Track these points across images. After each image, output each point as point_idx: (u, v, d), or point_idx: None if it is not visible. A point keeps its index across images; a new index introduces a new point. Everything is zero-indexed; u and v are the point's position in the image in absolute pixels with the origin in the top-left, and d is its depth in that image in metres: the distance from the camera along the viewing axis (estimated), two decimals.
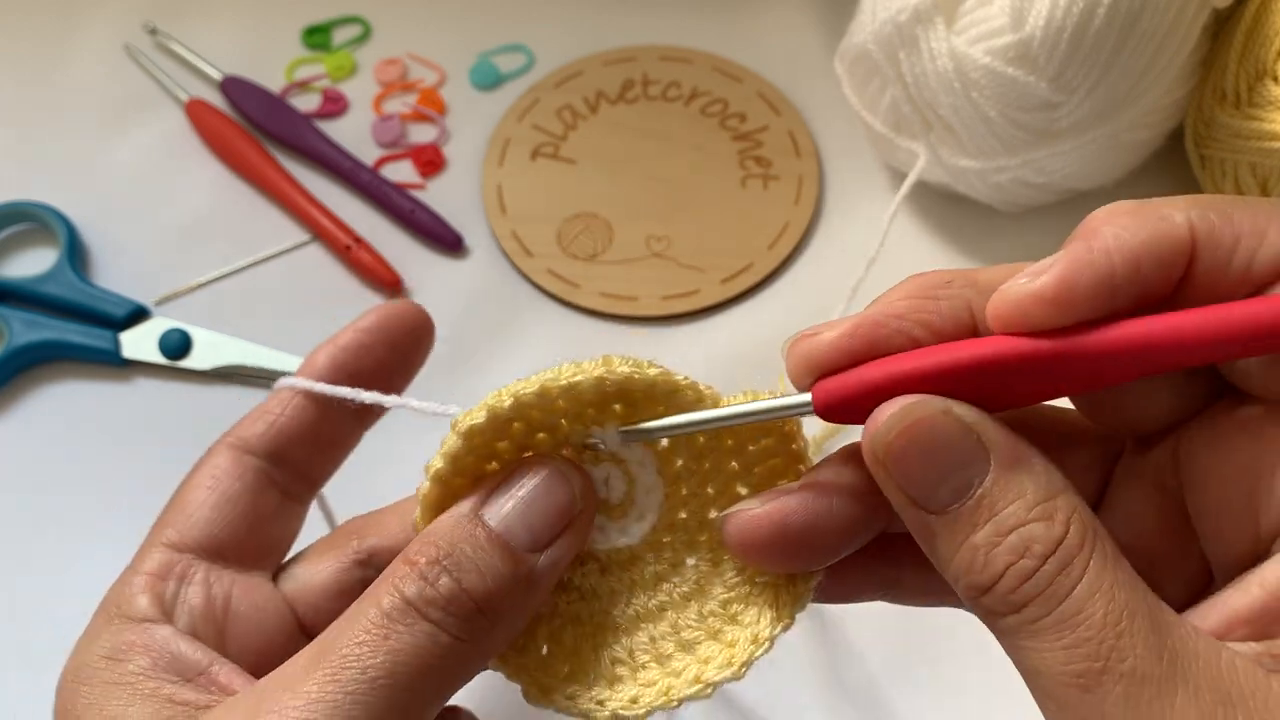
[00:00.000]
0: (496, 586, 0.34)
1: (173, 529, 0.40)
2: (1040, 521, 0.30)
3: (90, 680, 0.36)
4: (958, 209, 0.73)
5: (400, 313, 0.43)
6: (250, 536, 0.40)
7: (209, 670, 0.36)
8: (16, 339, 0.69)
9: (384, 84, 0.81)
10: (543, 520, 0.35)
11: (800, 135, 0.77)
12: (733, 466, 0.39)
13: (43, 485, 0.67)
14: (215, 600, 0.39)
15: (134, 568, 0.39)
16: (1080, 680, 0.29)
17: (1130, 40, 0.62)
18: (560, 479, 0.35)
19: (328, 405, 0.41)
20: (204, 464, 0.41)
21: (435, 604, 0.33)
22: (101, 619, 0.38)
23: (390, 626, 0.33)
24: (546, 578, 0.35)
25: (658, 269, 0.72)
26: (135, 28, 0.83)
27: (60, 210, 0.74)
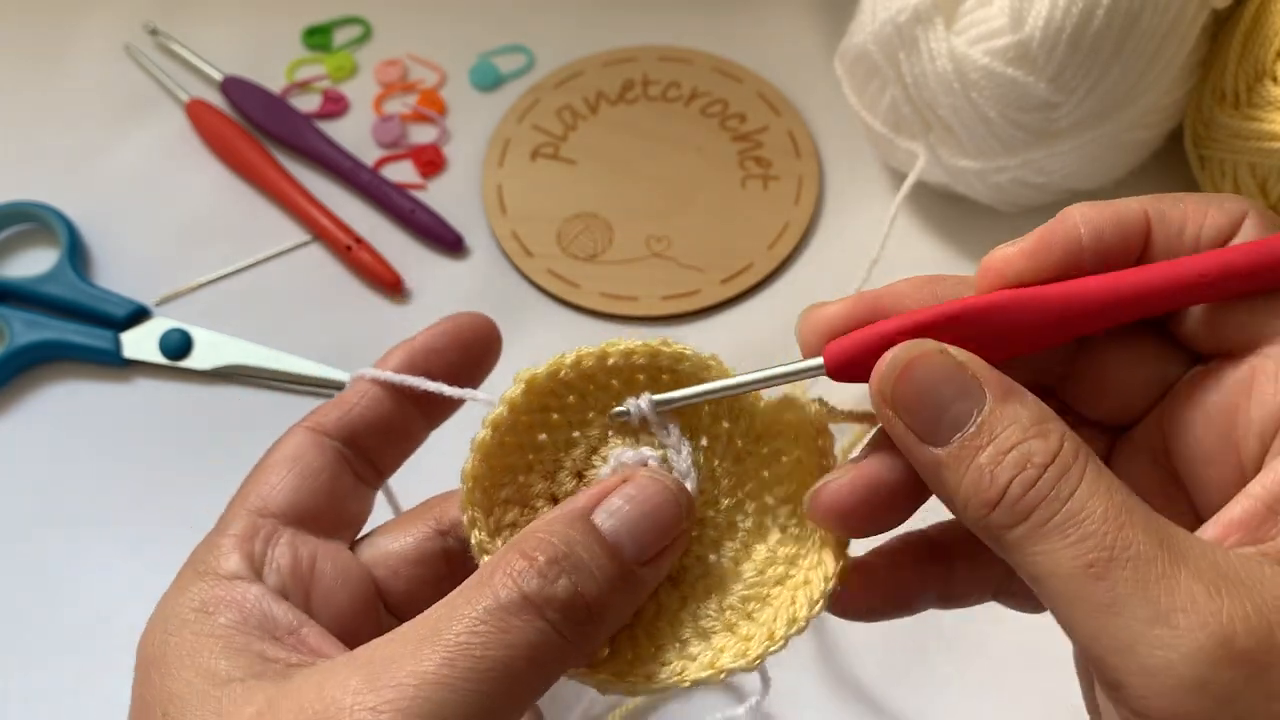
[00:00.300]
0: (610, 592, 0.35)
1: (255, 497, 0.40)
2: (1037, 438, 0.33)
3: (179, 631, 0.36)
4: (957, 209, 0.73)
5: (471, 322, 0.45)
6: (330, 508, 0.41)
7: (299, 631, 0.37)
8: (17, 339, 0.69)
9: (384, 84, 0.81)
10: (651, 535, 0.37)
11: (800, 135, 0.78)
12: (764, 475, 0.41)
13: (43, 485, 0.67)
14: (301, 561, 0.39)
15: (220, 530, 0.40)
16: (1092, 570, 0.31)
17: (1129, 41, 0.62)
18: (671, 498, 0.37)
19: (399, 401, 0.43)
20: (282, 444, 0.42)
21: (553, 604, 0.34)
22: (189, 574, 0.39)
23: (508, 620, 0.33)
24: (646, 590, 0.37)
25: (658, 269, 0.72)
26: (136, 28, 0.83)
27: (61, 210, 0.74)
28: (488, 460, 0.39)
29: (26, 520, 0.66)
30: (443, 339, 0.44)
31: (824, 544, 0.39)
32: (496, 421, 0.39)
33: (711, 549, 0.40)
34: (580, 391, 0.40)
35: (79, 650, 0.62)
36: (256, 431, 0.68)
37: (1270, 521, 0.33)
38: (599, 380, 0.40)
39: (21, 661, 0.62)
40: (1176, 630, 0.30)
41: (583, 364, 0.39)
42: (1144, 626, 0.30)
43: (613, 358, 0.39)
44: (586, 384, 0.40)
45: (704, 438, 0.41)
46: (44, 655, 0.62)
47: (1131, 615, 0.31)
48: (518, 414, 0.39)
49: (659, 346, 0.40)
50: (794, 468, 0.41)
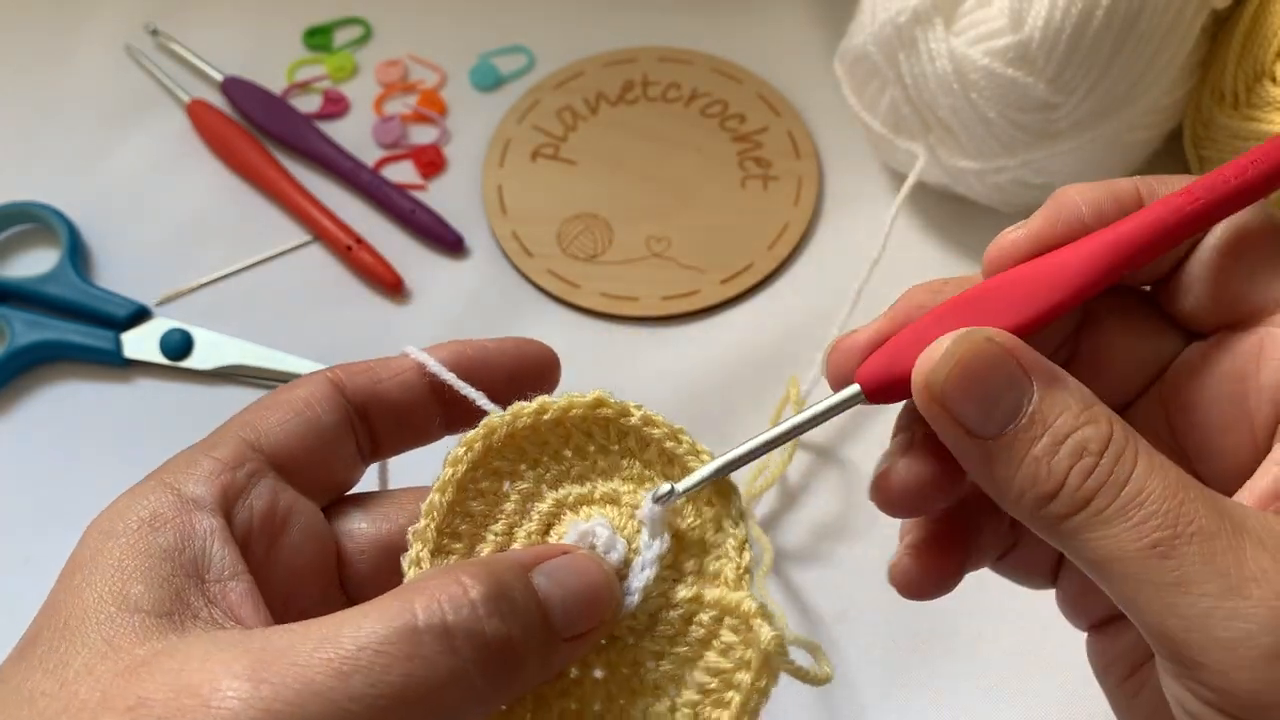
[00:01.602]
0: (532, 649, 0.33)
1: (251, 428, 0.39)
2: (1089, 425, 0.33)
3: (116, 538, 0.35)
4: (957, 210, 0.73)
5: (535, 350, 0.43)
6: (322, 468, 0.40)
7: (226, 584, 0.35)
8: (18, 339, 0.69)
9: (385, 85, 0.81)
10: (583, 612, 0.35)
11: (800, 136, 0.78)
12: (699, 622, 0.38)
13: (44, 485, 0.67)
14: (278, 509, 0.38)
15: (204, 448, 0.38)
16: (1158, 550, 0.31)
17: (1129, 41, 0.62)
18: (608, 583, 0.36)
19: (427, 395, 0.41)
20: (300, 384, 0.40)
21: (474, 641, 0.32)
22: (153, 482, 0.37)
23: (420, 647, 0.31)
24: (557, 668, 0.36)
25: (658, 269, 0.72)
26: (136, 28, 0.84)
27: (61, 210, 0.74)
28: (458, 484, 0.38)
29: (27, 520, 0.66)
30: (498, 355, 0.42)
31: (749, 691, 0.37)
32: (470, 446, 0.38)
33: (604, 667, 0.38)
34: (535, 453, 0.39)
35: None
36: None
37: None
38: (553, 440, 0.39)
39: None
40: (1251, 600, 0.30)
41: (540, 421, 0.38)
42: (1216, 600, 0.30)
43: (575, 411, 0.38)
44: (542, 445, 0.39)
45: (678, 571, 0.38)
46: None
47: (1202, 590, 0.30)
48: (489, 455, 0.38)
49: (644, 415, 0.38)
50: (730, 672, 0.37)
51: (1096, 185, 0.37)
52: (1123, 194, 0.37)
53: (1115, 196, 0.37)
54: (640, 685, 0.37)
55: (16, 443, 0.68)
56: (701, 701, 0.37)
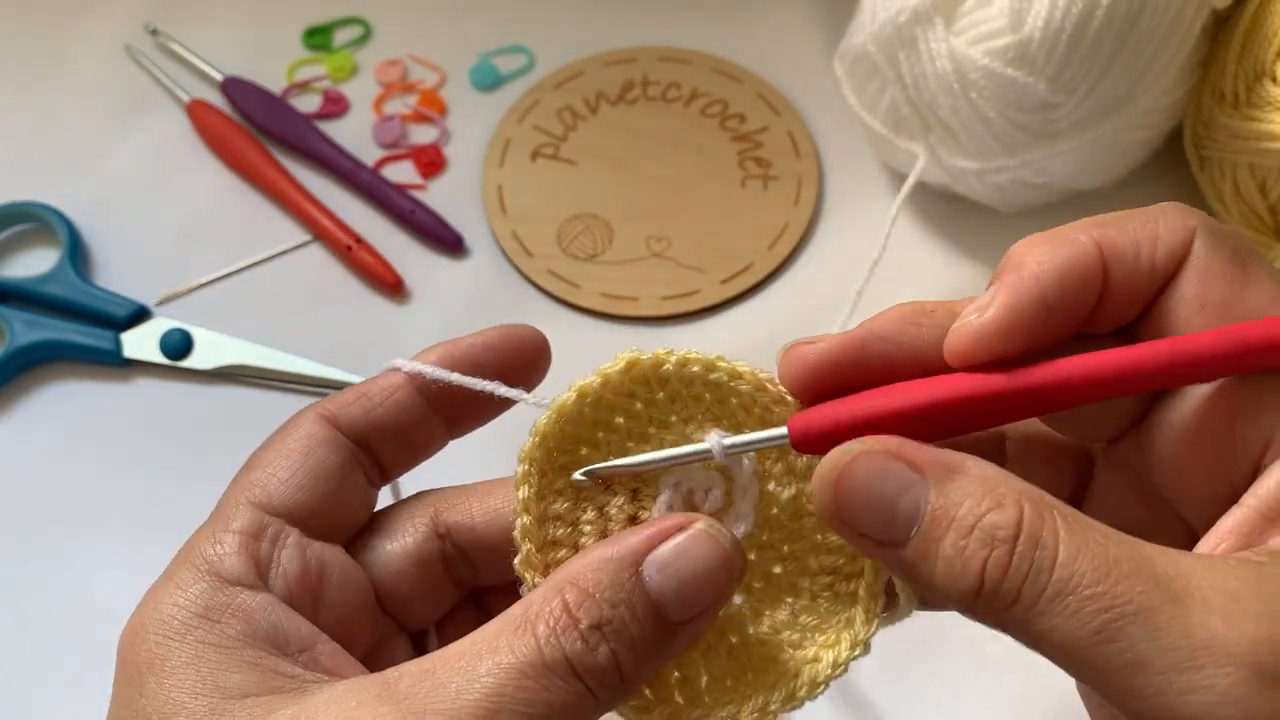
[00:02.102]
0: (647, 655, 0.34)
1: (260, 489, 0.38)
2: (994, 511, 0.32)
3: (183, 638, 0.34)
4: (957, 209, 0.73)
5: (521, 335, 0.42)
6: (337, 510, 0.39)
7: (313, 648, 0.35)
8: (18, 339, 0.69)
9: (384, 85, 0.81)
10: (698, 598, 0.35)
11: (800, 136, 0.78)
12: (818, 539, 0.39)
13: (43, 485, 0.67)
14: (310, 569, 0.37)
15: (221, 522, 0.37)
16: (1102, 635, 0.30)
17: (1129, 41, 0.62)
18: (725, 561, 0.35)
19: (425, 406, 0.41)
20: (293, 430, 0.40)
21: (591, 672, 0.33)
22: (188, 572, 0.36)
23: (551, 680, 0.32)
24: (678, 649, 0.36)
25: (658, 269, 0.72)
26: (136, 28, 0.84)
27: (61, 210, 0.74)
28: (545, 448, 0.37)
29: (27, 520, 0.66)
30: (485, 350, 0.41)
31: (846, 626, 0.38)
32: (561, 407, 0.37)
33: (780, 560, 0.39)
34: (645, 399, 0.38)
35: (79, 650, 0.62)
36: (256, 431, 0.68)
37: (1263, 529, 0.33)
38: (667, 390, 0.38)
39: (21, 661, 0.62)
40: (1205, 671, 0.29)
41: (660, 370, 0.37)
42: (1171, 676, 0.29)
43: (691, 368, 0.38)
44: (653, 392, 0.38)
45: (772, 481, 0.38)
46: (44, 655, 0.62)
47: (1156, 669, 0.30)
48: (583, 404, 0.37)
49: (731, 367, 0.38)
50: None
51: (1054, 247, 0.35)
52: (1083, 261, 0.35)
53: (1078, 272, 0.35)
54: (777, 591, 0.38)
55: (16, 443, 0.68)
56: (835, 578, 0.38)
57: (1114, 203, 0.72)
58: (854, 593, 0.38)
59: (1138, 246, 0.35)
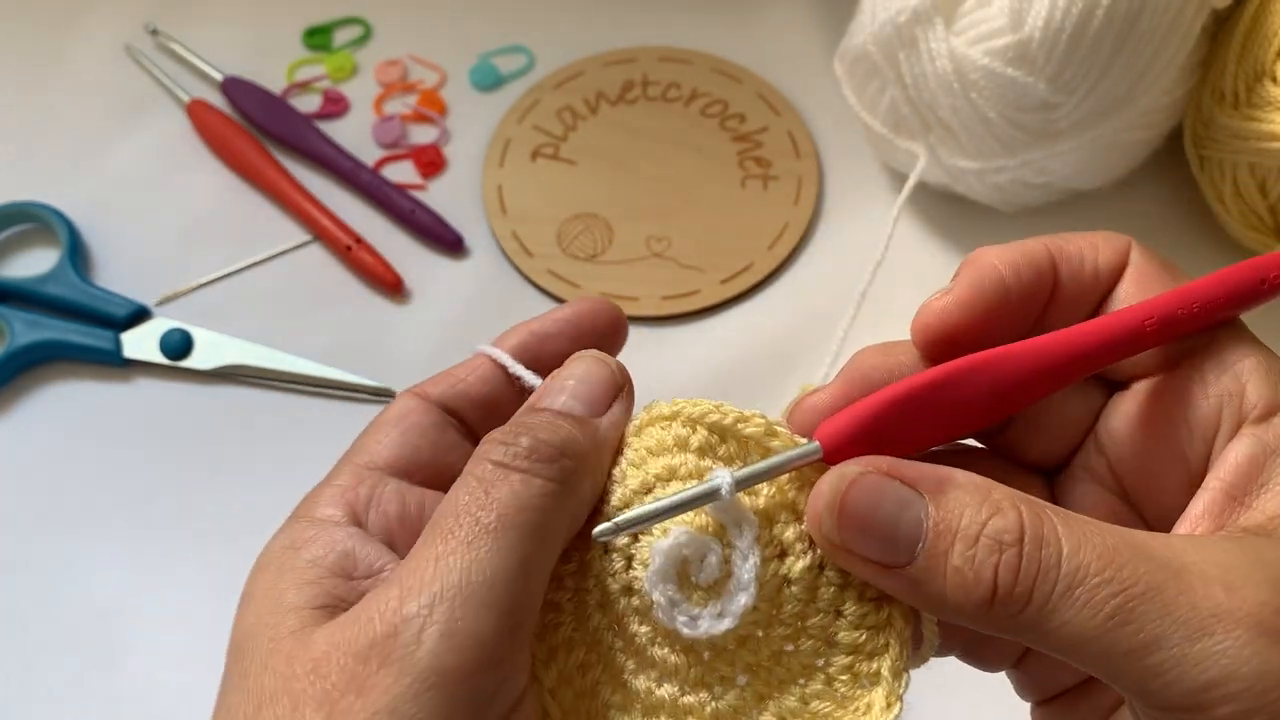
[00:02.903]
0: (569, 437, 0.36)
1: (360, 454, 0.40)
2: (995, 516, 0.32)
3: (265, 569, 0.36)
4: (957, 209, 0.73)
5: (594, 310, 0.43)
6: (435, 461, 0.41)
7: (378, 574, 0.36)
8: (18, 339, 0.69)
9: (384, 85, 0.81)
10: (596, 392, 0.38)
11: (800, 136, 0.78)
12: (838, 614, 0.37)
13: (43, 485, 0.67)
14: (409, 508, 0.39)
15: (325, 483, 0.39)
16: (1116, 619, 0.31)
17: (1129, 41, 0.62)
18: (597, 362, 0.39)
19: (508, 384, 0.42)
20: (387, 409, 0.42)
21: (520, 456, 0.35)
22: (288, 523, 0.38)
23: (489, 486, 0.34)
24: (611, 434, 0.38)
25: (658, 269, 0.72)
26: (136, 28, 0.84)
27: (61, 210, 0.74)
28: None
29: (27, 520, 0.66)
30: (561, 326, 0.43)
31: (865, 712, 0.36)
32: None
33: (745, 671, 0.36)
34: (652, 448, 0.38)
35: (79, 650, 0.62)
36: (256, 431, 0.69)
37: (1230, 508, 0.34)
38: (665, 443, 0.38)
39: (21, 661, 0.62)
40: (1216, 638, 0.30)
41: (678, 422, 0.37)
42: (1185, 648, 0.30)
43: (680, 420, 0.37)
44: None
45: (785, 554, 0.36)
46: (44, 655, 0.62)
47: (1170, 643, 0.30)
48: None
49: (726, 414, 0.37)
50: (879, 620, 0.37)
51: (1010, 247, 0.38)
52: (1037, 256, 0.37)
53: (1031, 259, 0.37)
54: (787, 673, 0.37)
55: (16, 442, 0.68)
56: (855, 660, 0.37)
57: (1114, 202, 0.72)
58: (877, 672, 0.36)
59: (1081, 253, 0.38)
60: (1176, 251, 0.72)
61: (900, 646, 0.36)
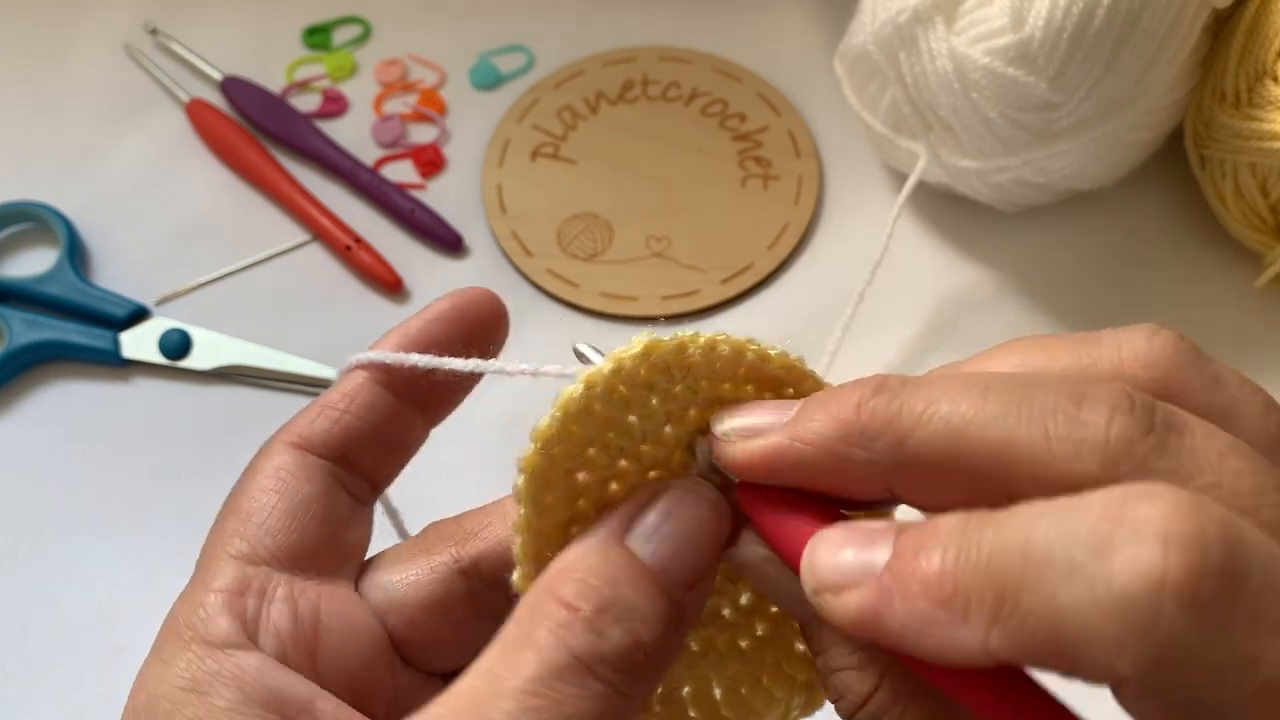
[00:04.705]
0: (665, 635, 0.30)
1: (239, 539, 0.34)
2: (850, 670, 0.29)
3: (170, 716, 0.31)
4: (957, 209, 0.73)
5: (473, 300, 0.38)
6: (328, 544, 0.36)
7: (313, 708, 0.32)
8: (16, 339, 0.69)
9: (384, 84, 0.81)
10: (695, 553, 0.31)
11: (800, 135, 0.78)
12: None
13: (43, 485, 0.67)
14: (303, 619, 0.34)
15: (203, 583, 0.34)
16: None
17: (1130, 40, 0.62)
18: (708, 505, 0.32)
19: (395, 400, 0.37)
20: (262, 465, 0.36)
21: (608, 661, 0.29)
22: (173, 644, 0.33)
23: (562, 690, 0.28)
24: (693, 620, 0.32)
25: (658, 269, 0.72)
26: (135, 28, 0.83)
27: (60, 210, 0.74)
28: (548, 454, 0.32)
29: (26, 520, 0.66)
30: (441, 324, 0.38)
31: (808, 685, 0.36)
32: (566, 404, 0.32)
33: (746, 590, 0.36)
34: (664, 390, 0.33)
35: (79, 650, 0.62)
36: (256, 431, 0.68)
37: None
38: (687, 382, 0.33)
39: (21, 661, 0.62)
40: None
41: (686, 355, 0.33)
42: None
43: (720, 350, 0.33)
44: (672, 383, 0.33)
45: None
46: (44, 655, 0.62)
47: None
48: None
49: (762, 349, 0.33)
50: None
51: None
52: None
53: None
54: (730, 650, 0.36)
55: (15, 443, 0.68)
56: None
57: (1115, 202, 0.72)
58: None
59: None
60: (1177, 252, 0.72)
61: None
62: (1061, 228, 0.73)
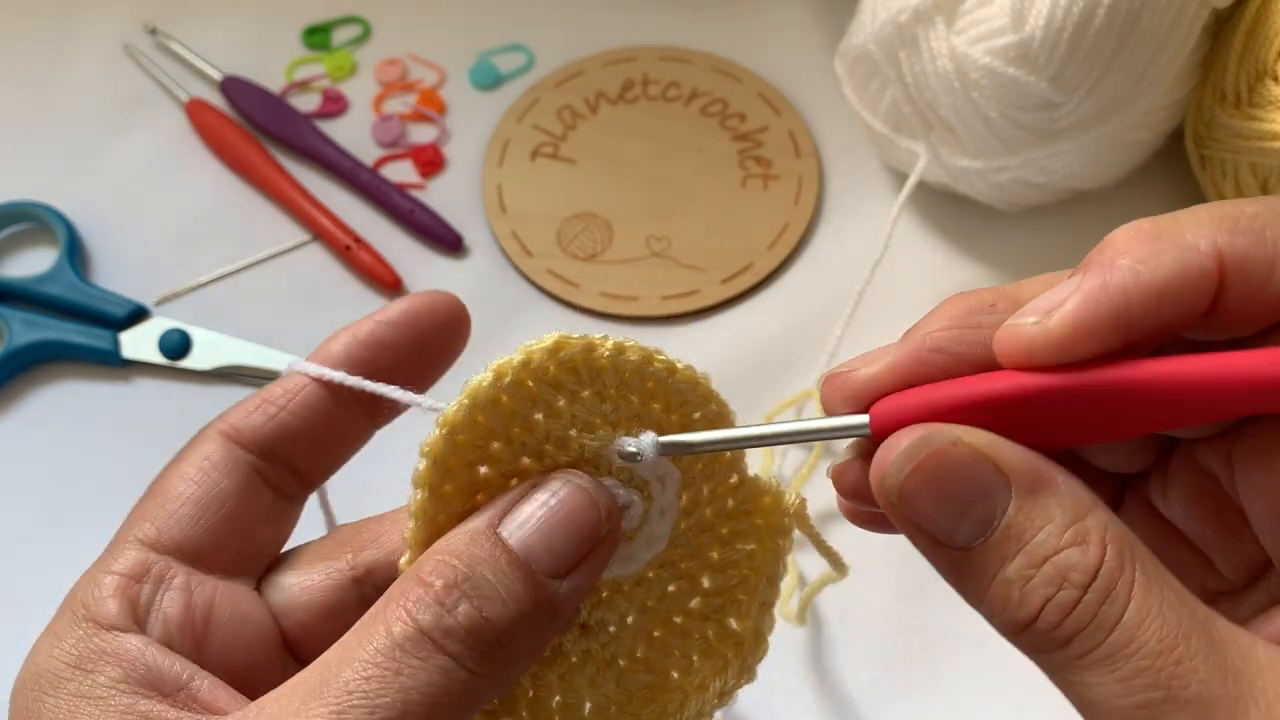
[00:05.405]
0: (519, 615, 0.30)
1: (150, 524, 0.35)
2: (1074, 547, 0.28)
3: (56, 690, 0.32)
4: (958, 209, 0.73)
5: (430, 305, 0.38)
6: (236, 540, 0.36)
7: (189, 685, 0.32)
8: (16, 339, 0.69)
9: (384, 84, 0.81)
10: (566, 543, 0.32)
11: (800, 135, 0.77)
12: (713, 556, 0.36)
13: (43, 485, 0.67)
14: (195, 610, 0.34)
15: (104, 564, 0.35)
16: (1143, 712, 0.27)
17: (1130, 40, 0.62)
18: (586, 497, 0.32)
19: (337, 401, 0.37)
20: (191, 452, 0.37)
21: (454, 635, 0.29)
22: (66, 620, 0.34)
23: (402, 660, 0.29)
24: (566, 607, 0.32)
25: (658, 269, 0.72)
26: (135, 28, 0.83)
27: (60, 210, 0.74)
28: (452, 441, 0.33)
29: (26, 520, 0.66)
30: (393, 329, 0.37)
31: (735, 651, 0.36)
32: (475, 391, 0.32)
33: (634, 610, 0.36)
34: (571, 392, 0.34)
35: None
36: None
37: None
38: (595, 387, 0.34)
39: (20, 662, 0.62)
40: None
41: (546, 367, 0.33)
42: None
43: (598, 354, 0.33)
44: (580, 385, 0.34)
45: (683, 494, 0.35)
46: None
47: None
48: (499, 389, 0.33)
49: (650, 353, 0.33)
50: (745, 561, 0.36)
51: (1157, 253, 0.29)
52: (1196, 280, 0.29)
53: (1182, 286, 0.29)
54: (668, 610, 0.36)
55: (15, 443, 0.68)
56: (726, 600, 0.36)
57: (1115, 202, 0.72)
58: (745, 628, 0.36)
59: (1273, 263, 0.29)
60: None
61: (763, 610, 0.36)
62: (1062, 228, 0.73)
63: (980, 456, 0.29)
